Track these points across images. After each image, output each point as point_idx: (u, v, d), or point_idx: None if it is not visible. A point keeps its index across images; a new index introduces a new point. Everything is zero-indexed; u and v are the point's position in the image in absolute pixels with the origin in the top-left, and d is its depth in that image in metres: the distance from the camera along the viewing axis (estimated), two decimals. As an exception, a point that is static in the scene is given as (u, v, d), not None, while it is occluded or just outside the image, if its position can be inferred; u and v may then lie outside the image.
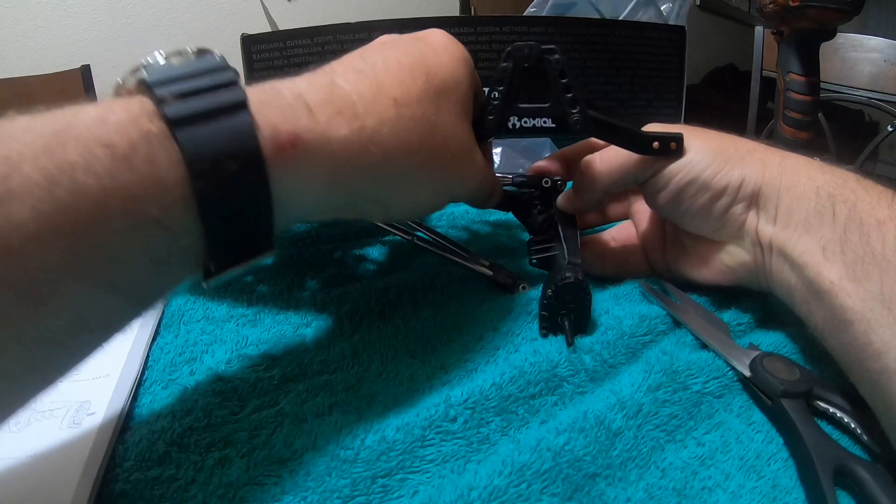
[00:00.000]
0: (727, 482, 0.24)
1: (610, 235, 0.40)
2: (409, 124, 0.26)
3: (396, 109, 0.26)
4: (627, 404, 0.26)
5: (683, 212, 0.33)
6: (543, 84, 0.32)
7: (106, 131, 0.18)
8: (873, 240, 0.25)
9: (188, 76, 0.21)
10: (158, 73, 0.21)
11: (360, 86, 0.26)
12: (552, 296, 0.31)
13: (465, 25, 0.66)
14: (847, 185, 0.28)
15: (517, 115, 0.32)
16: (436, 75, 0.28)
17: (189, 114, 0.20)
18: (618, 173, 0.34)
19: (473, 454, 0.25)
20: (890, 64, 1.16)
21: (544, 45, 0.31)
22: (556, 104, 0.32)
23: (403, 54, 0.28)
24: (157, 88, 0.20)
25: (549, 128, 0.32)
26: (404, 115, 0.26)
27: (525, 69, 0.31)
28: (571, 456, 0.24)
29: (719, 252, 0.33)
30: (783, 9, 0.54)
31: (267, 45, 0.66)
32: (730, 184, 0.31)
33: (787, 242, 0.29)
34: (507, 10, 1.65)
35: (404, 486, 0.24)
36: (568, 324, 0.31)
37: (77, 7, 1.54)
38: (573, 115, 0.31)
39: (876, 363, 0.23)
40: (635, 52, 0.69)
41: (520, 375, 0.28)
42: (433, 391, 0.28)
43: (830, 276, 0.26)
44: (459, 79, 0.29)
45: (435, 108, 0.28)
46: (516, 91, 0.32)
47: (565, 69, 0.31)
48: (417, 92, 0.27)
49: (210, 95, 0.20)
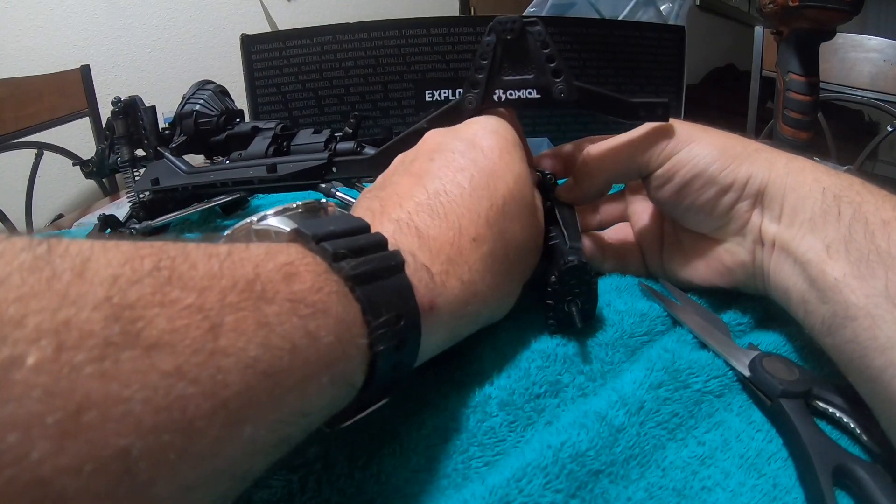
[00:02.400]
0: (727, 481, 0.24)
1: (607, 234, 0.40)
2: (489, 257, 0.28)
3: (478, 248, 0.27)
4: (629, 401, 0.26)
5: (687, 206, 0.33)
6: (527, 57, 0.32)
7: (300, 288, 0.18)
8: (878, 238, 0.25)
9: (345, 233, 0.22)
10: (316, 228, 0.21)
11: (442, 233, 0.27)
12: (556, 282, 0.30)
13: (465, 25, 0.66)
14: (853, 188, 0.28)
15: (502, 88, 0.33)
16: (497, 189, 0.29)
17: (365, 272, 0.20)
18: (623, 159, 0.34)
19: (478, 450, 0.25)
20: (889, 64, 1.16)
21: (526, 18, 0.32)
22: (539, 75, 0.32)
23: (460, 175, 0.29)
24: (325, 243, 0.20)
25: (535, 98, 0.32)
26: (485, 251, 0.28)
27: (508, 42, 0.32)
28: (574, 451, 0.24)
29: (718, 251, 0.33)
30: (783, 9, 0.54)
31: (266, 46, 0.66)
32: (737, 180, 0.31)
33: (791, 241, 0.29)
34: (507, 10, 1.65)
35: (408, 485, 0.24)
36: (575, 310, 0.30)
37: (77, 7, 1.54)
38: (557, 85, 0.32)
39: (880, 359, 0.23)
40: (635, 52, 0.69)
41: (524, 376, 0.28)
42: (438, 389, 0.28)
43: (835, 272, 0.26)
44: (516, 175, 0.30)
45: (505, 222, 0.29)
46: (500, 64, 0.32)
47: (547, 40, 0.31)
48: (487, 219, 0.28)
49: (375, 256, 0.22)
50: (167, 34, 1.69)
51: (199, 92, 0.51)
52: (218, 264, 0.17)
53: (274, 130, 0.46)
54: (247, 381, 0.15)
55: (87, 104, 1.26)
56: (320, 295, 0.19)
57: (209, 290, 0.16)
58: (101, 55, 1.56)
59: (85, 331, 0.13)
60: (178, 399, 0.14)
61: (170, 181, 0.45)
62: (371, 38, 0.65)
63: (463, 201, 0.28)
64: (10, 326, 0.12)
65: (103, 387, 0.12)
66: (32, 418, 0.11)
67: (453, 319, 0.26)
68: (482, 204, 0.28)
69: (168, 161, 0.47)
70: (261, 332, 0.16)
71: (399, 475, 0.24)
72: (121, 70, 1.62)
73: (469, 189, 0.28)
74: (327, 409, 0.19)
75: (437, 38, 0.66)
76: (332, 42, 0.65)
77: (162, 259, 0.16)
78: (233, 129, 0.49)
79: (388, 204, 0.28)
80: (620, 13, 0.85)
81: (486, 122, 0.32)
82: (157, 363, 0.14)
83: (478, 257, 0.27)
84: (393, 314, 0.21)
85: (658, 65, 0.70)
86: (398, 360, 0.21)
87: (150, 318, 0.14)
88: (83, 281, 0.13)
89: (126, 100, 0.50)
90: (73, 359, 0.12)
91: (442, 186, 0.28)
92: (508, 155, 0.30)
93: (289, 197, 0.59)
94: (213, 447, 0.15)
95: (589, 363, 0.30)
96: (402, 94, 0.67)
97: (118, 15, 1.60)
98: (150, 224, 0.48)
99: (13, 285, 0.12)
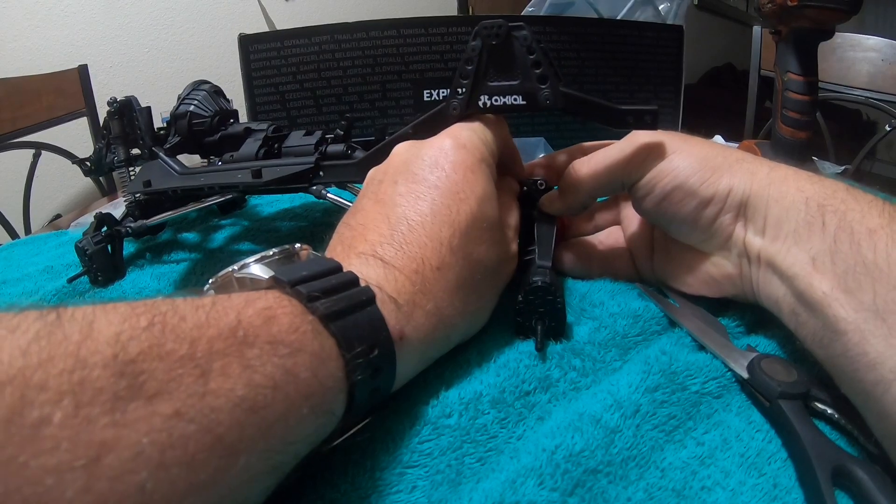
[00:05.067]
0: (727, 480, 0.24)
1: (597, 239, 0.40)
2: (454, 284, 0.29)
3: (443, 277, 0.28)
4: (625, 404, 0.26)
5: (670, 218, 0.32)
6: (513, 62, 0.31)
7: (278, 330, 0.20)
8: (864, 249, 0.25)
9: (318, 275, 0.23)
10: (291, 274, 0.23)
11: (406, 265, 0.28)
12: (522, 301, 0.31)
13: (463, 25, 0.66)
14: (836, 195, 0.27)
15: (487, 94, 0.32)
16: (459, 213, 0.29)
17: (338, 310, 0.22)
18: (604, 177, 0.33)
19: (471, 447, 0.25)
20: (888, 63, 1.16)
21: (512, 23, 0.31)
22: (525, 81, 0.31)
23: (422, 203, 0.29)
24: (299, 287, 0.22)
25: (520, 105, 0.32)
26: (450, 278, 0.28)
27: (493, 47, 0.31)
28: (568, 452, 0.24)
29: (705, 263, 0.33)
30: (781, 8, 0.54)
31: (264, 45, 0.66)
32: (717, 193, 0.30)
33: (776, 255, 0.28)
34: (505, 9, 1.65)
35: (402, 482, 0.24)
36: (540, 328, 0.30)
37: (74, 7, 1.53)
38: (543, 91, 0.31)
39: (870, 374, 0.23)
40: (633, 51, 0.69)
41: (513, 375, 0.29)
42: (429, 388, 0.28)
43: (822, 287, 0.25)
44: (479, 196, 0.30)
45: (469, 246, 0.29)
46: (486, 69, 0.32)
47: (533, 45, 0.31)
48: (450, 246, 0.29)
49: (346, 294, 0.23)
50: (165, 34, 1.69)
51: (194, 92, 0.50)
52: (205, 315, 0.19)
53: (266, 132, 0.46)
54: (237, 417, 0.17)
55: (85, 104, 1.26)
56: (297, 335, 0.20)
57: (198, 340, 0.18)
58: (99, 55, 1.56)
59: (97, 388, 0.15)
60: (181, 438, 0.16)
61: (162, 183, 0.45)
62: (369, 37, 0.65)
63: (424, 230, 0.29)
64: (35, 391, 0.14)
65: (117, 434, 0.15)
66: (63, 465, 0.14)
67: (423, 345, 0.27)
68: (444, 231, 0.29)
69: (162, 162, 0.47)
70: (245, 373, 0.18)
71: (393, 470, 0.24)
72: (119, 70, 1.62)
73: (430, 216, 0.29)
74: (312, 436, 0.21)
75: (435, 37, 0.66)
76: (331, 41, 0.65)
77: (155, 315, 0.18)
78: (226, 129, 0.49)
79: (356, 236, 0.29)
80: (619, 13, 0.85)
81: (458, 135, 0.32)
82: (158, 409, 0.16)
83: (443, 286, 0.28)
84: (366, 345, 0.22)
85: (656, 64, 0.70)
86: (375, 386, 0.23)
87: (150, 371, 0.16)
88: (91, 341, 0.16)
89: (122, 100, 0.49)
90: (90, 413, 0.15)
91: (404, 214, 0.29)
92: (473, 174, 0.30)
93: (284, 198, 0.59)
94: (214, 476, 0.17)
95: (580, 359, 0.30)
96: (400, 94, 0.67)
97: (116, 14, 1.60)
98: (145, 223, 0.47)
99: (33, 353, 0.15)
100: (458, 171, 0.30)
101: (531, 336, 0.31)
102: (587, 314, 0.34)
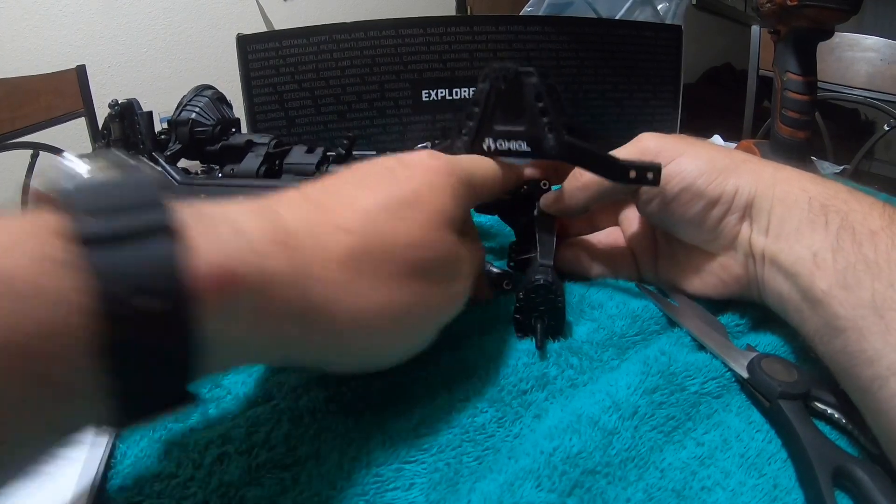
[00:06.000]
0: (727, 480, 0.24)
1: (596, 238, 0.40)
2: (361, 253, 0.22)
3: (346, 237, 0.22)
4: (623, 406, 0.26)
5: (677, 220, 0.33)
6: (521, 106, 0.31)
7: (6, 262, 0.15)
8: (866, 248, 0.25)
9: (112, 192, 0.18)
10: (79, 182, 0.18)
11: (301, 211, 0.22)
12: (522, 298, 0.31)
13: (462, 25, 0.66)
14: (839, 196, 0.28)
15: (493, 137, 0.32)
16: (399, 187, 0.25)
17: (107, 234, 0.16)
18: (607, 184, 0.33)
19: (470, 446, 0.25)
20: (886, 63, 1.16)
21: (521, 68, 0.31)
22: (531, 127, 0.31)
23: (363, 173, 0.25)
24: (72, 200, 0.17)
25: (525, 151, 0.32)
26: (357, 244, 0.22)
27: (502, 91, 0.31)
28: (566, 454, 0.24)
29: (712, 265, 0.33)
30: (781, 8, 0.54)
31: (263, 45, 0.65)
32: (724, 193, 0.31)
33: (780, 253, 0.29)
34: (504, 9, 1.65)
35: (400, 478, 0.24)
36: (540, 327, 0.30)
37: (73, 7, 1.53)
38: (548, 140, 0.31)
39: (868, 370, 0.23)
40: (632, 51, 0.69)
41: (512, 373, 0.29)
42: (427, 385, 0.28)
43: (822, 284, 0.26)
44: (433, 187, 0.25)
45: (394, 223, 0.23)
46: (493, 112, 0.31)
47: (542, 92, 0.31)
48: (371, 210, 0.23)
49: (134, 214, 0.17)
50: (163, 34, 1.68)
51: (197, 98, 0.50)
52: None
53: (267, 147, 0.45)
54: None
55: (83, 104, 1.25)
56: (27, 269, 0.15)
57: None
58: (98, 55, 1.56)
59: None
60: None
61: (161, 192, 0.45)
62: (367, 37, 0.65)
63: (351, 192, 0.24)
64: None
65: None
66: None
67: (273, 303, 0.20)
68: (373, 195, 0.24)
69: (162, 169, 0.47)
70: None
71: (390, 467, 0.24)
72: (117, 70, 1.62)
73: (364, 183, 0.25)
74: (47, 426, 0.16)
75: (433, 37, 0.65)
76: (329, 41, 0.65)
77: None
78: (227, 140, 0.49)
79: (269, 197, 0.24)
80: (617, 13, 0.85)
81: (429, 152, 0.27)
82: None
83: (343, 246, 0.22)
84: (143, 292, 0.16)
85: (655, 64, 0.70)
86: (154, 356, 0.17)
87: None
88: None
89: (123, 103, 0.49)
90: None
91: (338, 182, 0.25)
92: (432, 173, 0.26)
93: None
94: None
95: (578, 357, 0.30)
96: (398, 94, 0.67)
97: (114, 15, 1.59)
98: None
99: None
100: (419, 164, 0.26)
101: (530, 334, 0.31)
102: (586, 315, 0.34)
